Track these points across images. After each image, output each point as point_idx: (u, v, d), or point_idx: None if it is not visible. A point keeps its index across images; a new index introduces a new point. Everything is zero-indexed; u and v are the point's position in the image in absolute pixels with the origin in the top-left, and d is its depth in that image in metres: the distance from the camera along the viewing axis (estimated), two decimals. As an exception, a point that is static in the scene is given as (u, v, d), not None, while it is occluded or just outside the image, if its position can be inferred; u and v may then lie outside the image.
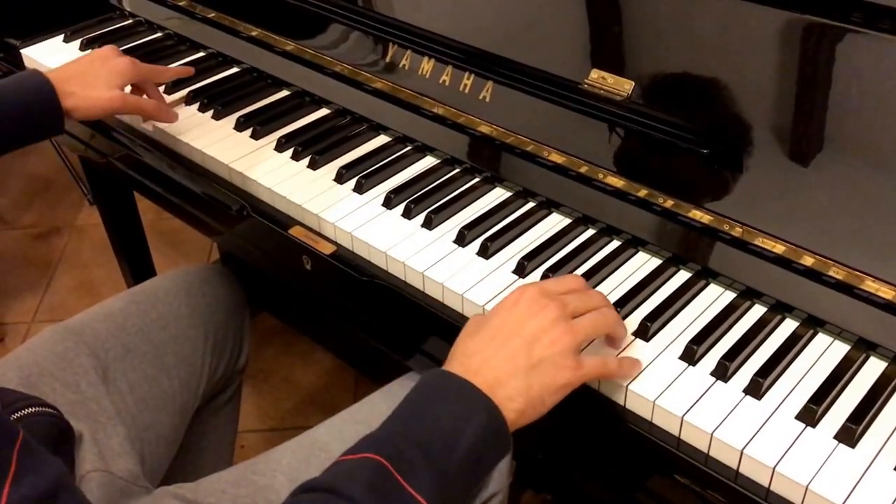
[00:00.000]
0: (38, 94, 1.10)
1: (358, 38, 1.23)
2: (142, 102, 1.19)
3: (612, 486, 0.95)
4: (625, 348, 0.86)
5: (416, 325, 1.00)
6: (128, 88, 1.20)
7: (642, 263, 0.97)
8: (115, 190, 1.78)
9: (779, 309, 0.89)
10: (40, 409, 0.89)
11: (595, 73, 1.00)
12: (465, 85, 1.10)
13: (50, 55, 1.42)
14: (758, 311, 0.90)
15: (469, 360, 0.79)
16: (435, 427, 0.73)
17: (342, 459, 0.73)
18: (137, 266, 1.91)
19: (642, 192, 0.98)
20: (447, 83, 1.12)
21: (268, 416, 1.99)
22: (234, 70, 1.37)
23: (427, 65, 1.14)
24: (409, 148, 1.16)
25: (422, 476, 0.70)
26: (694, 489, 0.80)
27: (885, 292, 0.84)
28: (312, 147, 1.15)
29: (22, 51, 1.44)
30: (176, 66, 1.33)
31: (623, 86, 0.99)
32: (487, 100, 1.08)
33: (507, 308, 0.81)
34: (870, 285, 0.85)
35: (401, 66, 1.17)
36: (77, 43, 1.44)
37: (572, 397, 0.80)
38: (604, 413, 0.83)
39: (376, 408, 1.03)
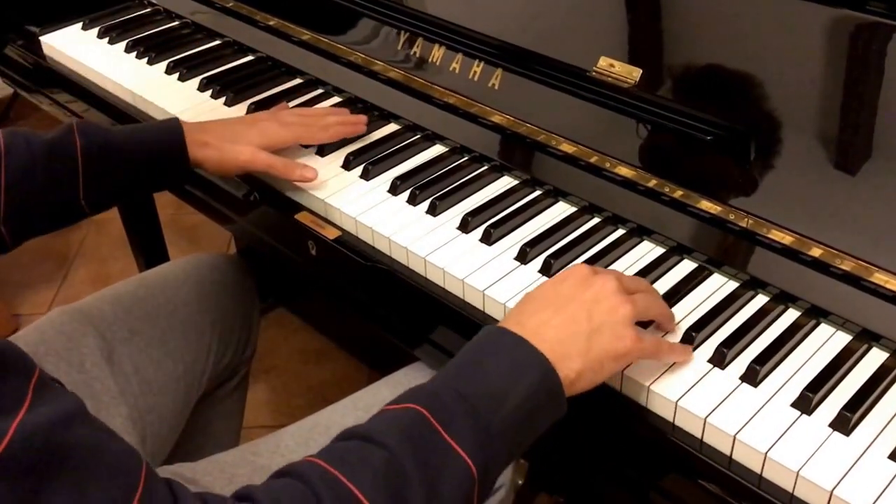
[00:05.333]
0: (166, 135, 1.09)
1: (372, 27, 1.27)
2: (271, 161, 1.10)
3: (616, 478, 0.97)
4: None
5: (419, 313, 1.03)
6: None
7: (646, 252, 0.99)
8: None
9: (782, 299, 0.91)
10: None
11: (603, 61, 1.03)
12: (475, 73, 1.14)
13: (69, 43, 1.47)
14: (760, 300, 0.92)
15: (527, 319, 0.79)
16: (483, 382, 0.74)
17: (384, 409, 0.74)
18: (153, 261, 1.96)
19: (652, 182, 1.00)
20: (457, 71, 1.15)
21: (280, 412, 2.03)
22: (249, 58, 1.41)
23: (438, 52, 1.18)
24: (418, 136, 1.19)
25: (463, 428, 0.71)
26: (687, 477, 0.82)
27: (894, 284, 0.86)
28: (322, 134, 1.19)
29: (41, 38, 1.49)
30: (336, 122, 1.18)
31: (631, 73, 1.01)
32: (496, 87, 1.11)
33: (560, 280, 0.83)
34: (878, 277, 0.86)
35: (412, 54, 1.20)
36: (95, 31, 1.49)
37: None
38: (596, 398, 0.85)
39: (379, 395, 1.06)
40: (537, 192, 1.08)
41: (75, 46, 1.46)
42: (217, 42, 1.46)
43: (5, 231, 1.00)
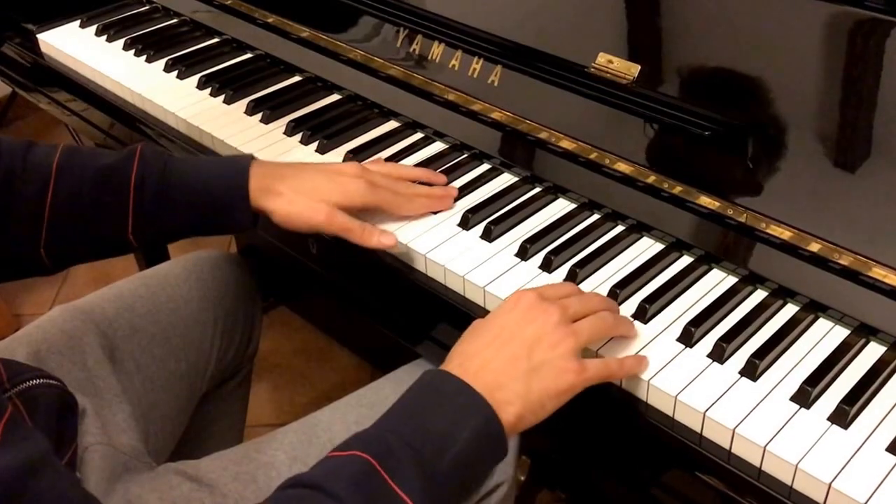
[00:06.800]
0: (229, 176, 1.01)
1: (371, 25, 1.28)
2: (349, 225, 1.01)
3: (616, 473, 0.99)
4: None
5: (421, 310, 1.05)
6: None
7: (645, 248, 1.00)
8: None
9: (780, 294, 0.93)
10: (45, 380, 0.94)
11: (602, 57, 1.05)
12: (475, 70, 1.15)
13: (67, 41, 1.49)
14: (759, 295, 0.93)
15: (468, 361, 0.81)
16: (428, 428, 0.76)
17: (331, 456, 0.76)
18: (154, 260, 1.96)
19: (651, 178, 1.01)
20: (457, 68, 1.17)
21: (282, 411, 2.05)
22: (248, 56, 1.43)
23: (437, 49, 1.19)
24: (417, 133, 1.21)
25: (409, 476, 0.73)
26: (687, 471, 0.84)
27: (892, 279, 0.87)
28: (322, 132, 1.20)
29: (38, 35, 1.50)
30: (425, 193, 1.08)
31: (630, 69, 1.03)
32: (496, 84, 1.13)
33: (507, 311, 0.84)
34: (877, 272, 0.88)
35: (412, 51, 1.22)
36: (93, 29, 1.51)
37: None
38: (596, 394, 0.87)
39: (381, 392, 1.08)
40: (537, 189, 1.09)
41: (73, 44, 1.48)
42: (215, 39, 1.47)
43: (45, 256, 0.99)
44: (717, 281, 0.95)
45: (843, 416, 0.79)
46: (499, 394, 0.78)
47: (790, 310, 0.91)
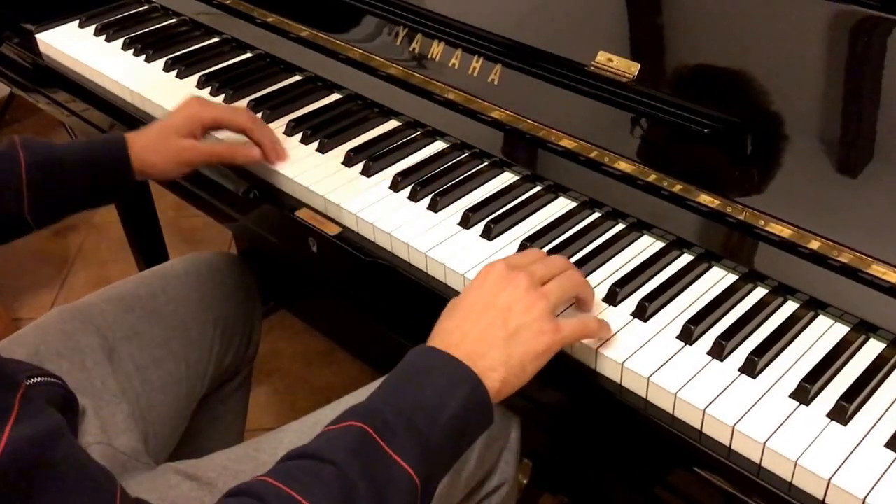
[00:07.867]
0: (110, 146, 1.13)
1: (371, 24, 1.30)
2: (216, 149, 1.17)
3: (617, 472, 1.00)
4: (623, 327, 0.91)
5: (421, 308, 1.06)
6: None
7: (646, 247, 1.02)
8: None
9: (780, 291, 0.94)
10: (46, 379, 0.96)
11: (602, 56, 1.06)
12: (475, 68, 1.17)
13: (66, 40, 1.51)
14: (759, 292, 0.95)
15: (449, 336, 0.84)
16: (418, 399, 0.78)
17: (327, 429, 0.78)
18: (154, 264, 1.99)
19: (651, 177, 1.03)
20: (457, 66, 1.19)
21: (283, 415, 2.06)
22: (248, 55, 1.44)
23: (437, 48, 1.21)
24: (418, 132, 1.22)
25: (405, 442, 0.75)
26: (687, 469, 0.85)
27: (891, 276, 0.89)
28: (322, 131, 1.22)
29: (37, 35, 1.52)
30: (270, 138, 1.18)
31: (630, 68, 1.04)
32: (496, 83, 1.15)
33: (478, 285, 0.87)
34: (876, 269, 0.89)
35: (412, 50, 1.24)
36: (92, 28, 1.52)
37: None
38: (596, 391, 0.89)
39: (381, 392, 1.09)
40: (538, 188, 1.11)
41: (72, 44, 1.50)
42: (215, 39, 1.49)
43: None
44: (716, 279, 0.97)
45: (842, 413, 0.81)
46: (481, 362, 0.81)
47: (790, 307, 0.93)
